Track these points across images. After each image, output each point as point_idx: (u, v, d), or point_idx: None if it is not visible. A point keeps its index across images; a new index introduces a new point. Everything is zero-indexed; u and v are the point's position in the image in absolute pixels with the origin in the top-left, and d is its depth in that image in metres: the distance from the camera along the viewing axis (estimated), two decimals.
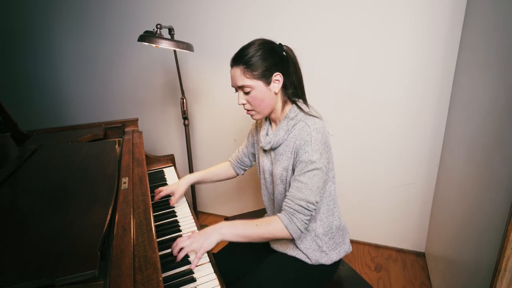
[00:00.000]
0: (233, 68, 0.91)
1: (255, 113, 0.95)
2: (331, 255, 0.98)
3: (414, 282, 1.59)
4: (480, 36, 1.16)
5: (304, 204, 0.85)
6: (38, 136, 1.31)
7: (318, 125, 0.89)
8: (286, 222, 0.85)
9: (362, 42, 1.57)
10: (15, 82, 2.62)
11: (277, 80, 0.91)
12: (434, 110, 1.55)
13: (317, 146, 0.87)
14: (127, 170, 1.05)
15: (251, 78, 0.88)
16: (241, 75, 0.89)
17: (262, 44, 0.90)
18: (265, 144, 0.98)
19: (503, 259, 0.79)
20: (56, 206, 0.73)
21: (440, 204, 1.53)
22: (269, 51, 0.90)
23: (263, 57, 0.88)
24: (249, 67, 0.88)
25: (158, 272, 0.63)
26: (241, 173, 1.24)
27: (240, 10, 1.76)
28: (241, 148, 1.21)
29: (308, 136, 0.87)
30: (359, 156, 1.75)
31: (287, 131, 0.93)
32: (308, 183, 0.86)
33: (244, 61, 0.88)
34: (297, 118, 0.93)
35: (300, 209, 0.85)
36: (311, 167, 0.86)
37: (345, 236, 1.05)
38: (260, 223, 0.87)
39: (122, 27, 2.11)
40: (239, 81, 0.90)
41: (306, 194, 0.86)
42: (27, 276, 0.50)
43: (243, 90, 0.91)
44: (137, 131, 1.52)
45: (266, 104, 0.93)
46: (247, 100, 0.92)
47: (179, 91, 2.05)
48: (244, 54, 0.89)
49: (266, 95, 0.91)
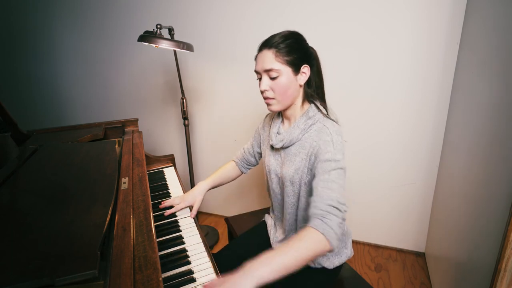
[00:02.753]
0: (263, 51, 0.88)
1: (275, 102, 0.90)
2: (333, 260, 0.98)
3: (414, 282, 1.59)
4: (480, 36, 1.16)
5: (335, 204, 0.75)
6: (38, 136, 1.31)
7: (336, 128, 0.87)
8: (322, 228, 0.71)
9: (362, 42, 1.57)
10: (15, 82, 2.62)
11: (304, 72, 0.89)
12: (434, 110, 1.55)
13: (339, 146, 0.84)
14: (127, 170, 1.05)
15: (282, 62, 0.86)
16: (272, 57, 0.86)
17: (294, 34, 0.90)
18: (276, 142, 0.95)
19: (503, 259, 0.79)
20: (56, 206, 0.73)
21: (440, 204, 1.53)
22: (302, 42, 0.91)
23: (294, 46, 0.87)
24: (282, 51, 0.86)
25: (158, 272, 0.63)
26: (246, 172, 1.23)
27: (240, 10, 1.76)
28: (246, 148, 1.19)
29: (328, 136, 0.84)
30: (359, 156, 1.76)
31: (303, 130, 0.90)
32: (335, 181, 0.79)
33: (277, 44, 0.86)
34: (315, 118, 0.90)
35: (332, 210, 0.75)
36: (336, 165, 0.80)
37: (348, 241, 1.04)
38: (293, 242, 0.70)
39: (122, 27, 2.11)
40: (268, 64, 0.86)
41: (333, 193, 0.76)
42: (27, 276, 0.50)
43: (269, 75, 0.87)
44: (137, 131, 1.52)
45: (289, 94, 0.89)
46: (271, 87, 0.88)
47: (179, 91, 2.05)
48: (277, 39, 0.87)
49: (292, 85, 0.88)
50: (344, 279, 1.07)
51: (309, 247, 0.70)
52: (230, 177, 1.22)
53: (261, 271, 0.65)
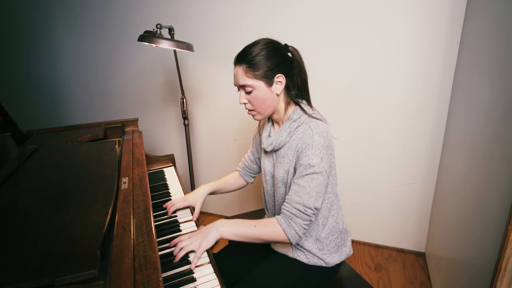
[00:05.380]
0: (236, 67, 0.91)
1: (256, 113, 0.95)
2: (332, 258, 0.98)
3: (414, 282, 1.59)
4: (480, 36, 1.16)
5: (302, 208, 0.85)
6: (38, 136, 1.31)
7: (321, 129, 0.88)
8: (284, 226, 0.86)
9: (362, 42, 1.57)
10: (15, 82, 2.62)
11: (279, 81, 0.90)
12: (434, 110, 1.55)
13: (318, 151, 0.85)
14: (127, 170, 1.05)
15: (253, 78, 0.88)
16: (243, 74, 0.89)
17: (266, 44, 0.90)
18: (267, 146, 0.97)
19: (503, 259, 0.79)
20: (56, 206, 0.73)
21: (440, 204, 1.53)
22: (273, 51, 0.89)
23: (266, 57, 0.87)
24: (251, 67, 0.87)
25: (158, 272, 0.63)
26: (250, 181, 1.22)
27: (240, 10, 1.76)
28: (247, 156, 1.19)
29: (310, 139, 0.86)
30: (359, 156, 1.75)
31: (289, 133, 0.92)
32: (305, 186, 0.85)
33: (247, 60, 0.87)
34: (300, 120, 0.91)
35: (298, 213, 0.85)
36: (310, 171, 0.85)
37: (347, 238, 1.04)
38: (259, 224, 0.88)
39: (122, 27, 2.11)
40: (241, 80, 0.90)
41: (303, 198, 0.85)
42: (27, 276, 0.50)
43: (244, 90, 0.91)
44: (137, 131, 1.51)
45: (267, 105, 0.92)
46: (248, 100, 0.92)
47: (179, 91, 2.05)
48: (247, 53, 0.88)
49: (268, 96, 0.90)
50: (344, 279, 1.07)
51: (270, 235, 0.87)
52: (234, 185, 1.21)
53: (226, 230, 0.86)
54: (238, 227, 0.87)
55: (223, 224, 0.87)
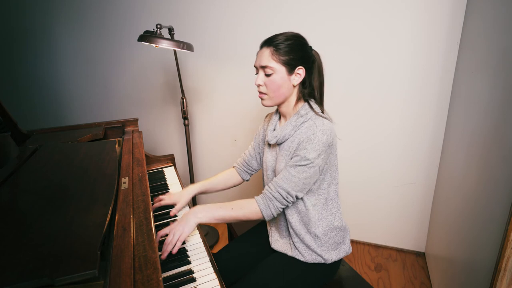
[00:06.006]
0: (262, 49, 0.94)
1: (267, 98, 0.96)
2: (331, 254, 0.98)
3: (414, 282, 1.59)
4: (480, 36, 1.16)
5: (284, 194, 0.90)
6: (38, 136, 1.31)
7: (325, 127, 0.90)
8: (262, 206, 0.91)
9: (362, 42, 1.57)
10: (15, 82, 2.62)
11: (299, 73, 0.93)
12: (434, 110, 1.55)
13: (318, 146, 0.87)
14: (127, 170, 1.05)
15: (277, 61, 0.91)
16: (268, 55, 0.91)
17: (296, 36, 0.94)
18: (271, 138, 1.00)
19: (503, 259, 0.79)
20: (56, 206, 0.73)
21: (440, 204, 1.53)
22: (300, 45, 0.94)
23: (293, 47, 0.91)
24: (278, 51, 0.90)
25: (158, 272, 0.63)
26: (246, 179, 1.21)
27: (240, 10, 1.76)
28: (247, 151, 1.19)
29: (312, 134, 0.88)
30: (359, 156, 1.75)
31: (294, 127, 0.94)
32: (295, 175, 0.89)
33: (276, 43, 0.91)
34: (307, 116, 0.94)
35: (279, 197, 0.90)
36: (304, 163, 0.88)
37: (346, 236, 1.04)
38: (236, 206, 0.93)
39: (122, 27, 2.11)
40: (264, 61, 0.92)
41: (289, 185, 0.89)
42: (27, 276, 0.50)
43: (264, 71, 0.93)
44: (137, 131, 1.51)
45: (281, 93, 0.94)
46: (265, 83, 0.94)
47: (179, 91, 2.05)
48: (278, 38, 0.92)
49: (284, 84, 0.93)
50: (344, 278, 1.07)
51: (246, 214, 0.93)
52: (226, 183, 1.19)
53: (204, 216, 0.91)
54: (215, 211, 0.92)
55: (200, 210, 0.92)
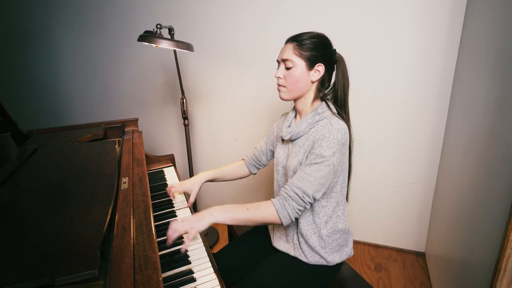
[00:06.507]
0: (287, 44, 0.96)
1: (285, 90, 0.97)
2: (333, 257, 0.98)
3: (414, 282, 1.59)
4: (480, 36, 1.16)
5: (300, 194, 0.87)
6: (38, 136, 1.31)
7: (341, 126, 0.91)
8: (278, 206, 0.88)
9: (362, 42, 1.57)
10: (15, 82, 2.62)
11: (318, 70, 0.94)
12: (434, 110, 1.55)
13: (333, 144, 0.88)
14: (127, 170, 1.05)
15: (298, 56, 0.93)
16: (290, 50, 0.94)
17: (320, 36, 0.97)
18: (285, 134, 1.00)
19: (503, 259, 0.79)
20: (56, 206, 0.73)
21: (440, 204, 1.53)
22: (323, 44, 0.96)
23: (316, 45, 0.93)
24: (301, 46, 0.93)
25: (158, 272, 0.63)
26: (254, 172, 1.24)
27: (240, 10, 1.76)
28: (259, 146, 1.21)
29: (328, 132, 0.89)
30: (359, 156, 1.75)
31: (310, 124, 0.95)
32: (311, 174, 0.87)
33: (299, 40, 0.94)
34: (323, 114, 0.95)
35: (295, 197, 0.87)
36: (319, 160, 0.88)
37: (349, 239, 1.04)
38: (252, 207, 0.91)
39: (122, 27, 2.11)
40: (286, 55, 0.94)
41: (305, 184, 0.87)
42: (27, 276, 0.50)
43: (285, 64, 0.94)
44: (137, 131, 1.51)
45: (299, 87, 0.95)
46: (284, 76, 0.95)
47: (179, 91, 2.05)
48: (302, 35, 0.95)
49: (303, 78, 0.94)
50: (344, 279, 1.07)
51: (262, 215, 0.89)
52: (234, 174, 1.23)
53: (219, 214, 0.89)
54: (231, 211, 0.90)
55: (216, 210, 0.90)
